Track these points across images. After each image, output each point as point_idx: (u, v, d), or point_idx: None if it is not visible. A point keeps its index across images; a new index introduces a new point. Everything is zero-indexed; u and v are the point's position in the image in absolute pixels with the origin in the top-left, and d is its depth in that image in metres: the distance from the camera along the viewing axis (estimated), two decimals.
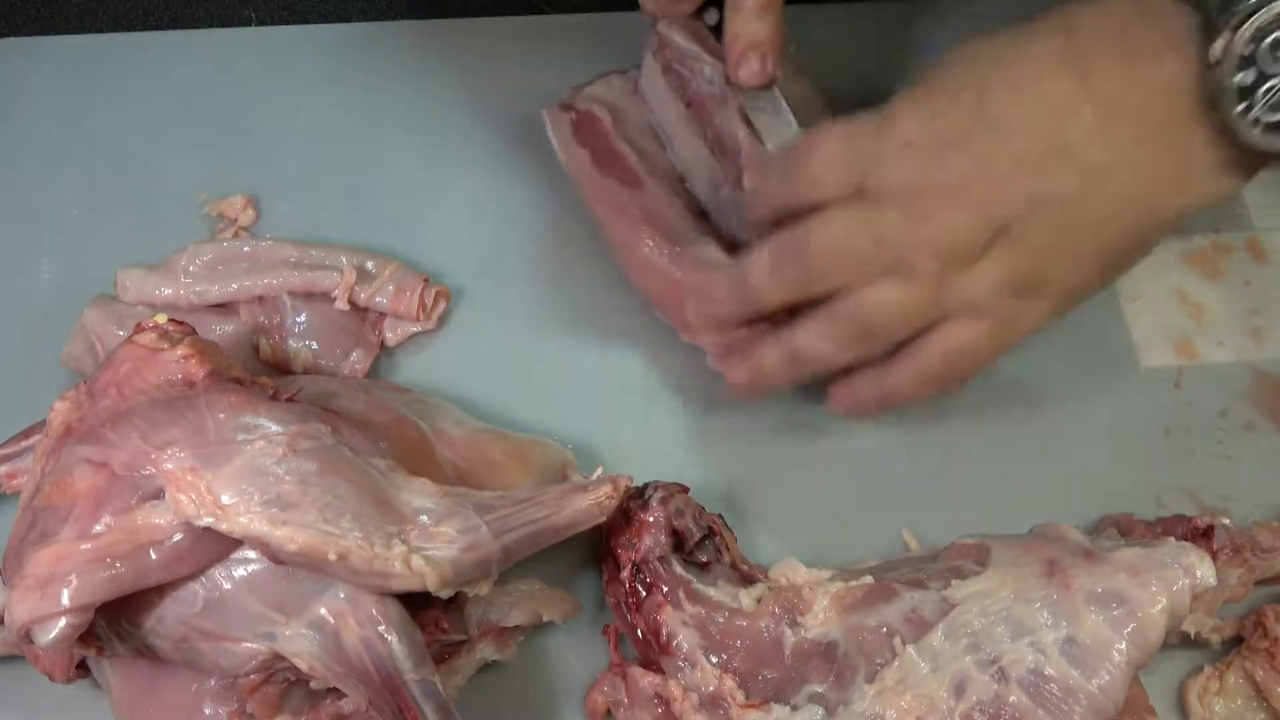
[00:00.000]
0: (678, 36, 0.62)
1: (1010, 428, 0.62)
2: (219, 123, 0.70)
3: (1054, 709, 0.47)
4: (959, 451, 0.62)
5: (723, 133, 0.60)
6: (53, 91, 0.71)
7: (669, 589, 0.52)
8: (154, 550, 0.46)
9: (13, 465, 0.55)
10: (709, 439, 0.62)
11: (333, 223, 0.66)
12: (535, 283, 0.66)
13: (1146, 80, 0.46)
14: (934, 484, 0.61)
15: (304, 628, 0.47)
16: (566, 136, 0.64)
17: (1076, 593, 0.49)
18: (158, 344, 0.51)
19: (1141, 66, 0.46)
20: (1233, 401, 0.63)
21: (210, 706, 0.49)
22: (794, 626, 0.51)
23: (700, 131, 0.62)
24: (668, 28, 0.62)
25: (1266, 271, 0.67)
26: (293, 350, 0.62)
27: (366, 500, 0.48)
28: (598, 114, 0.64)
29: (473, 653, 0.54)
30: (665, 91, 0.63)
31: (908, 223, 0.49)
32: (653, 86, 0.64)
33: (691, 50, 0.61)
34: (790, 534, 0.58)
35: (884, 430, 0.62)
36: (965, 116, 0.48)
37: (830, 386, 0.56)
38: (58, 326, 0.61)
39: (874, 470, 0.61)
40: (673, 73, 0.63)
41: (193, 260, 0.62)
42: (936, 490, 0.60)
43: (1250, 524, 0.57)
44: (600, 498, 0.51)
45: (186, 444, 0.47)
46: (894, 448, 0.62)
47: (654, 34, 0.63)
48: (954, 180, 0.48)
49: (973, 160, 0.48)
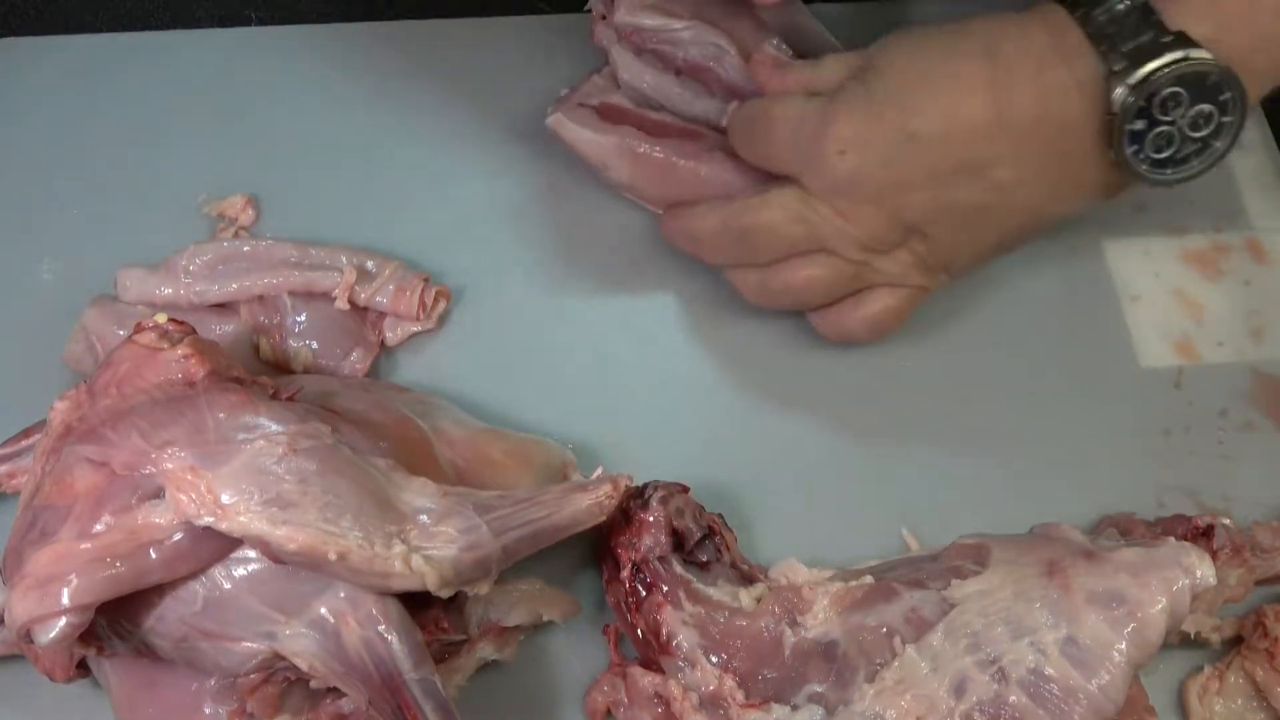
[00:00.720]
0: (644, 19, 0.63)
1: (1010, 428, 0.62)
2: (219, 123, 0.70)
3: (1054, 709, 0.47)
4: (959, 451, 0.62)
5: (732, 81, 0.63)
6: (53, 91, 0.71)
7: (669, 589, 0.52)
8: (154, 550, 0.46)
9: (13, 465, 0.55)
10: (709, 439, 0.62)
11: (333, 223, 0.66)
12: (535, 283, 0.66)
13: (1056, 117, 0.53)
14: (934, 484, 0.61)
15: (304, 627, 0.47)
16: (594, 125, 0.64)
17: (1076, 593, 0.49)
18: (158, 344, 0.51)
19: (1053, 104, 0.53)
20: (1233, 401, 0.63)
21: (210, 706, 0.49)
22: (794, 626, 0.51)
23: (706, 90, 0.64)
24: (629, 14, 0.63)
25: (1266, 271, 0.67)
26: (293, 350, 0.62)
27: (366, 500, 0.48)
28: (618, 100, 0.65)
29: (473, 653, 0.53)
30: (650, 71, 0.64)
31: (835, 217, 0.56)
32: (634, 71, 0.65)
33: (662, 25, 0.63)
34: (790, 534, 0.58)
35: (884, 430, 0.62)
36: (892, 131, 0.54)
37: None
38: (58, 326, 0.61)
39: (874, 470, 0.61)
40: (648, 53, 0.63)
41: (193, 260, 0.62)
42: (936, 490, 0.60)
43: (1250, 524, 0.57)
44: (600, 498, 0.51)
45: (186, 443, 0.47)
46: (894, 448, 0.62)
47: (606, 28, 0.65)
48: (874, 190, 0.55)
49: (893, 174, 0.55)
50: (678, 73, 0.64)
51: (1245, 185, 0.70)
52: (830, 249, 0.57)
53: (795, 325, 0.64)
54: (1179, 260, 0.68)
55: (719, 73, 0.64)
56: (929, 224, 0.56)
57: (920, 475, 0.61)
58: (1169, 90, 0.51)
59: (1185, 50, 0.51)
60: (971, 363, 0.64)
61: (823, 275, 0.58)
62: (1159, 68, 0.51)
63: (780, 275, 0.59)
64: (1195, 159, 0.53)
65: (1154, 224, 0.69)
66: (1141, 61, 0.51)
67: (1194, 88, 0.51)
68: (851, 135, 0.54)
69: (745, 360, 0.64)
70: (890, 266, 0.58)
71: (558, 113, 0.65)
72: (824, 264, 0.58)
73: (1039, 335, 0.65)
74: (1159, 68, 0.51)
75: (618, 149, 0.64)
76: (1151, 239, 0.68)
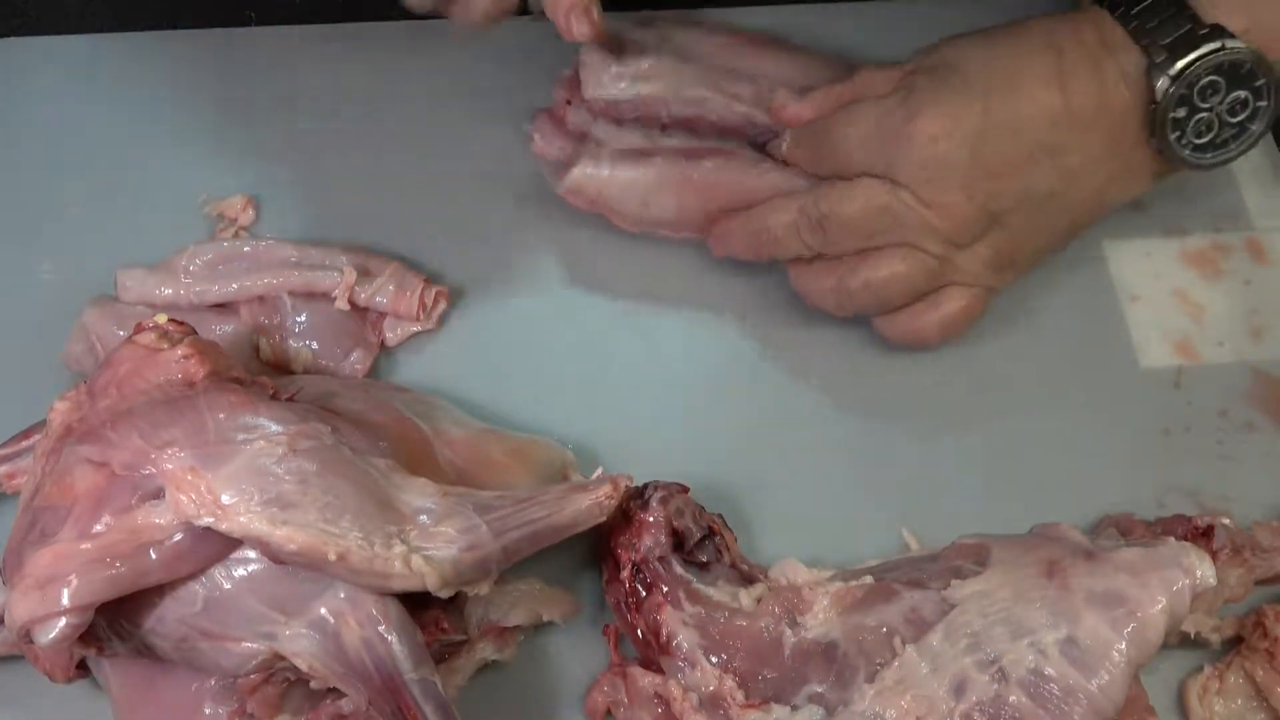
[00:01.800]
0: (617, 92, 0.63)
1: (1010, 428, 0.62)
2: (219, 123, 0.70)
3: (1054, 709, 0.47)
4: (959, 451, 0.62)
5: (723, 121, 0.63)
6: (53, 91, 0.71)
7: (669, 589, 0.52)
8: (154, 550, 0.46)
9: (13, 465, 0.55)
10: (709, 439, 0.62)
11: (333, 223, 0.66)
12: (535, 283, 0.66)
13: (1110, 104, 0.56)
14: (934, 484, 0.61)
15: (304, 627, 0.47)
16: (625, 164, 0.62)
17: (1076, 593, 0.49)
18: (158, 344, 0.51)
19: (1107, 92, 0.56)
20: (1233, 401, 0.63)
21: (210, 706, 0.49)
22: (794, 626, 0.51)
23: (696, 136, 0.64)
24: (600, 90, 0.62)
25: (1266, 271, 0.67)
26: (293, 350, 0.62)
27: (366, 500, 0.48)
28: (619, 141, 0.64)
29: (473, 653, 0.54)
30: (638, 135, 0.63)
31: (921, 207, 0.57)
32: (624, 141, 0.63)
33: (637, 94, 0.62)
34: (790, 534, 0.58)
35: (884, 430, 0.62)
36: (977, 119, 0.56)
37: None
38: (58, 326, 0.61)
39: (874, 470, 0.61)
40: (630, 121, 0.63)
41: (193, 260, 0.62)
42: (936, 490, 0.60)
43: (1250, 524, 0.57)
44: (600, 498, 0.51)
45: (186, 444, 0.47)
46: (894, 448, 0.62)
47: (577, 111, 0.64)
48: (963, 177, 0.57)
49: (979, 161, 0.56)
50: (663, 128, 0.63)
51: (1245, 185, 0.70)
52: (913, 242, 0.58)
53: (795, 326, 0.64)
54: (1179, 260, 0.68)
55: (708, 118, 0.63)
56: (1009, 212, 0.58)
57: (920, 475, 0.61)
58: (1207, 79, 0.54)
59: (1221, 40, 0.54)
60: (971, 363, 0.64)
61: (905, 271, 0.58)
62: (1197, 58, 0.54)
63: (860, 273, 0.59)
64: (1233, 143, 0.57)
65: (1154, 224, 0.69)
66: (1181, 53, 0.54)
67: (1230, 75, 0.55)
68: (940, 125, 0.56)
69: (745, 360, 0.64)
70: (968, 263, 0.59)
71: (576, 170, 0.62)
72: (907, 259, 0.58)
73: (1039, 335, 0.65)
74: (1197, 58, 0.54)
75: (660, 180, 0.62)
76: (1151, 239, 0.68)
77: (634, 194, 0.62)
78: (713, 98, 0.63)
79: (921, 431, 0.62)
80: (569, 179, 0.63)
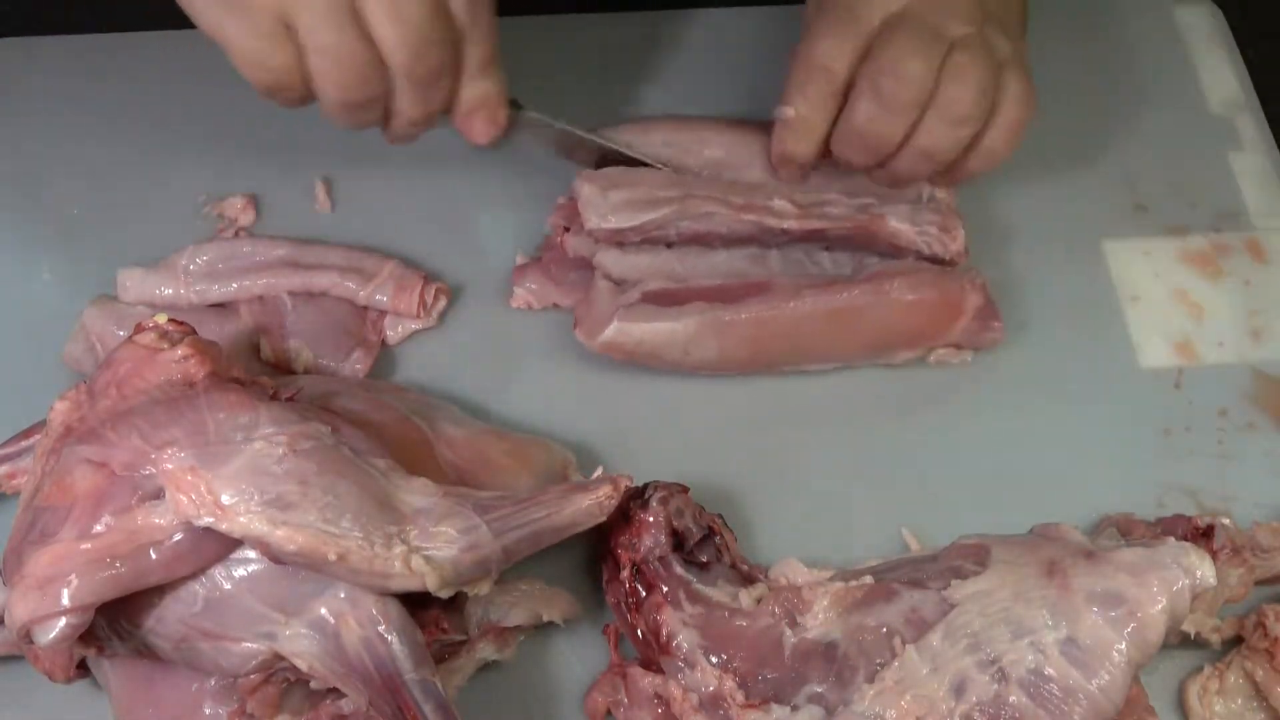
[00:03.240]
0: (620, 221, 0.61)
1: (1010, 428, 0.62)
2: (219, 123, 0.70)
3: (1054, 709, 0.47)
4: (959, 451, 0.62)
5: (733, 231, 0.62)
6: (53, 91, 0.71)
7: (669, 589, 0.52)
8: (154, 550, 0.46)
9: (13, 465, 0.55)
10: (709, 439, 0.62)
11: (333, 223, 0.66)
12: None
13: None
14: (934, 484, 0.61)
15: (304, 627, 0.47)
16: (662, 315, 0.60)
17: (1076, 593, 0.49)
18: (158, 344, 0.51)
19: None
20: (1233, 401, 0.63)
21: (210, 706, 0.49)
22: (794, 626, 0.51)
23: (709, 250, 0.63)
24: (602, 219, 0.60)
25: (1266, 271, 0.67)
26: (293, 350, 0.62)
27: (366, 500, 0.48)
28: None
29: (473, 653, 0.54)
30: (644, 258, 0.62)
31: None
32: (627, 265, 0.62)
33: (640, 223, 0.60)
34: (790, 534, 0.58)
35: (884, 430, 0.62)
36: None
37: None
38: (58, 326, 0.61)
39: (874, 470, 0.61)
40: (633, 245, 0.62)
41: (193, 260, 0.62)
42: (936, 490, 0.60)
43: (1250, 524, 0.57)
44: (600, 498, 0.51)
45: (186, 444, 0.47)
46: (894, 448, 0.62)
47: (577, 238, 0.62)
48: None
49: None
50: (669, 245, 0.62)
51: (1245, 185, 0.70)
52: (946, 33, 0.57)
53: None
54: (1179, 260, 0.68)
55: (718, 230, 0.61)
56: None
57: (920, 475, 0.61)
58: None
59: None
60: (972, 363, 0.64)
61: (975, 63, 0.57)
62: None
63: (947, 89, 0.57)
64: None
65: (1154, 224, 0.69)
66: None
67: None
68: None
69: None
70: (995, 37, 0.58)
71: (614, 323, 0.59)
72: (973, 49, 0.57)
73: (1039, 335, 0.65)
74: None
75: (699, 329, 0.59)
76: (1151, 239, 0.68)
77: (674, 345, 0.60)
78: (720, 212, 0.61)
79: (921, 431, 0.62)
80: (604, 336, 0.59)
